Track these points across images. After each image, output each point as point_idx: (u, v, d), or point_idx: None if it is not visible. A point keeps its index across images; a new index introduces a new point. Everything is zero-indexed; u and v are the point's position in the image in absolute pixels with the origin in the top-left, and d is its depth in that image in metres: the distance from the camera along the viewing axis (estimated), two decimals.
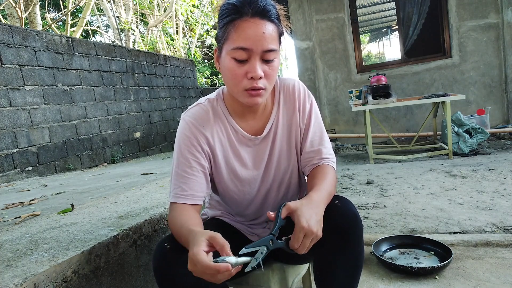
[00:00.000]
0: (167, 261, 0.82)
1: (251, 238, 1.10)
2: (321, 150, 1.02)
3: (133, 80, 5.18)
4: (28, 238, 1.12)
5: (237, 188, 1.03)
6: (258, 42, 0.84)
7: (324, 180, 0.94)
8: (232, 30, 0.85)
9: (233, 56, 0.86)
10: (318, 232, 0.80)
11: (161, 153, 5.43)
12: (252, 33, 0.84)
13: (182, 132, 0.97)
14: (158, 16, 10.01)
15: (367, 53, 18.01)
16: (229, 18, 0.86)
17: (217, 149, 0.99)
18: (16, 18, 6.32)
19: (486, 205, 2.29)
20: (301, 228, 0.77)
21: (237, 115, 1.00)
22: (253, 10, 0.84)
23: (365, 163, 4.20)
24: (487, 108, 4.56)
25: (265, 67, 0.87)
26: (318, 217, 0.82)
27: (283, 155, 1.04)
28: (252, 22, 0.84)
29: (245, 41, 0.84)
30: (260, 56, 0.86)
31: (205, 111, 0.99)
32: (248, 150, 1.02)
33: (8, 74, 3.23)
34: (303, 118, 1.03)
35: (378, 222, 2.20)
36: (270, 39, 0.85)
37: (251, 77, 0.86)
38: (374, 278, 1.55)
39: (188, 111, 1.00)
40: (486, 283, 1.41)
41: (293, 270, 1.13)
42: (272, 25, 0.87)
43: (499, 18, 4.82)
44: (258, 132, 1.02)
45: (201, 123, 0.97)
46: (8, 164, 3.14)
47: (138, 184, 2.09)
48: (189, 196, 0.92)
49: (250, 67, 0.86)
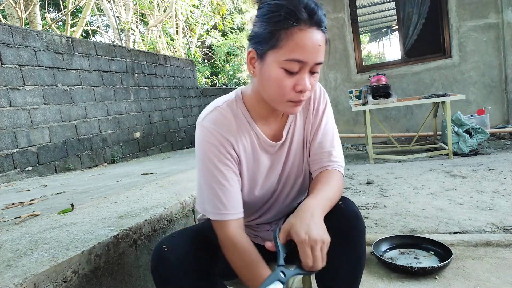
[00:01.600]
0: (165, 263, 0.81)
1: (254, 240, 1.09)
2: (330, 153, 0.97)
3: (133, 80, 5.18)
4: (28, 238, 1.12)
5: (252, 193, 1.00)
6: (314, 54, 0.78)
7: (325, 186, 0.89)
8: (286, 38, 0.77)
9: (284, 67, 0.79)
10: (323, 238, 0.75)
11: (161, 153, 5.43)
12: (310, 45, 0.77)
13: (207, 141, 0.88)
14: (158, 16, 10.01)
15: (367, 53, 18.01)
16: (282, 23, 0.77)
17: (242, 156, 0.93)
18: (16, 18, 6.32)
19: (486, 205, 2.29)
20: (303, 242, 0.73)
21: (260, 119, 0.94)
22: (311, 19, 0.77)
23: (365, 163, 4.20)
24: (487, 108, 4.56)
25: (311, 78, 0.83)
26: (317, 224, 0.77)
27: (298, 158, 1.01)
28: (310, 33, 0.77)
29: (302, 54, 0.77)
30: (310, 68, 0.81)
31: (225, 116, 0.91)
32: (268, 156, 0.97)
33: (8, 74, 3.23)
34: (315, 117, 0.99)
35: (378, 222, 2.20)
36: (322, 51, 0.81)
37: (300, 90, 0.81)
38: (374, 278, 1.54)
39: (207, 117, 0.90)
40: (486, 283, 1.41)
41: None
42: (325, 36, 0.82)
43: (499, 18, 4.82)
44: (276, 135, 0.97)
45: (224, 129, 0.89)
46: (8, 164, 3.14)
47: (138, 184, 2.09)
48: (233, 212, 0.87)
49: (300, 80, 0.80)
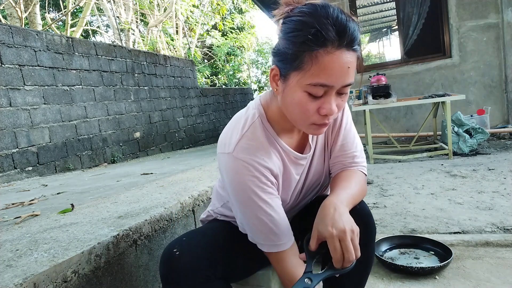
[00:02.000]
0: (177, 268, 0.80)
1: None
2: (352, 155, 0.95)
3: (133, 80, 5.18)
4: (28, 238, 1.12)
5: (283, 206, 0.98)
6: (341, 78, 0.72)
7: (346, 183, 0.87)
8: (310, 61, 0.71)
9: (308, 91, 0.73)
10: (351, 227, 0.73)
11: (161, 153, 5.43)
12: (337, 69, 0.71)
13: (246, 174, 0.82)
14: (158, 16, 10.01)
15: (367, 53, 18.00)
16: (307, 45, 0.70)
17: (278, 177, 0.90)
18: (16, 18, 6.32)
19: (486, 205, 2.29)
20: (331, 236, 0.71)
21: (284, 132, 0.90)
22: (341, 40, 0.70)
23: None
24: (487, 108, 4.56)
25: (338, 99, 0.77)
26: (342, 216, 0.74)
27: (320, 163, 0.98)
28: (338, 56, 0.70)
29: (328, 78, 0.71)
30: (338, 90, 0.75)
31: (256, 141, 0.85)
32: (298, 168, 0.93)
33: (8, 74, 3.23)
34: (335, 120, 0.96)
35: (378, 222, 2.20)
36: (352, 73, 0.74)
37: (325, 114, 0.76)
38: (374, 278, 1.54)
39: (238, 146, 0.83)
40: (486, 283, 1.41)
41: None
42: (356, 54, 0.74)
43: (499, 18, 4.82)
44: (300, 146, 0.94)
45: (259, 156, 0.83)
46: (8, 164, 3.14)
47: (138, 184, 2.09)
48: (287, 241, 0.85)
49: (325, 103, 0.75)
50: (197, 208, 1.56)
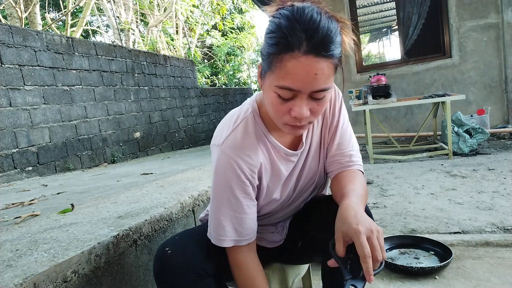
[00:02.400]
0: (169, 267, 0.81)
1: (259, 243, 1.08)
2: (350, 154, 0.94)
3: (133, 80, 5.18)
4: (28, 238, 1.12)
5: (270, 204, 0.98)
6: (308, 84, 0.71)
7: (354, 185, 0.86)
8: (277, 64, 0.71)
9: (278, 93, 0.74)
10: (376, 227, 0.71)
11: (161, 153, 5.43)
12: (302, 75, 0.69)
13: (228, 168, 0.84)
14: (158, 16, 10.01)
15: (367, 53, 18.01)
16: (275, 48, 0.71)
17: (263, 173, 0.90)
18: (16, 18, 6.32)
19: (486, 205, 2.29)
20: (358, 232, 0.69)
21: (276, 129, 0.90)
22: (308, 45, 0.68)
23: (365, 163, 4.20)
24: (487, 108, 4.56)
25: (313, 104, 0.75)
26: (364, 216, 0.73)
27: (314, 161, 0.98)
28: (303, 62, 0.68)
29: (292, 82, 0.71)
30: (308, 95, 0.73)
31: (246, 135, 0.86)
32: (288, 165, 0.94)
33: (8, 74, 3.23)
34: (332, 119, 0.95)
35: (378, 222, 2.20)
36: (323, 79, 0.71)
37: (294, 116, 0.75)
38: (374, 278, 1.54)
39: (227, 139, 0.85)
40: (486, 283, 1.41)
41: (293, 270, 1.13)
42: (329, 60, 0.70)
43: (499, 18, 4.82)
44: (294, 143, 0.94)
45: (245, 152, 0.85)
46: (8, 164, 3.14)
47: (138, 184, 2.09)
48: (248, 238, 0.87)
49: (295, 106, 0.74)
50: (197, 208, 1.56)
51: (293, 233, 1.09)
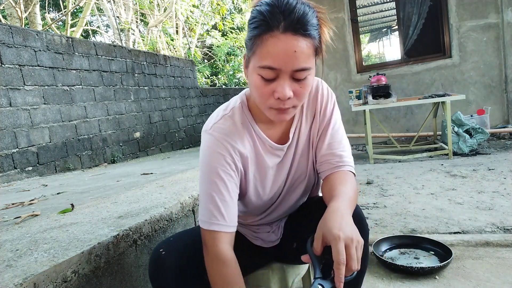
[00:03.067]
0: (162, 266, 0.81)
1: (255, 242, 1.09)
2: (340, 154, 0.94)
3: (133, 80, 5.18)
4: (28, 238, 1.12)
5: (259, 196, 0.98)
6: (288, 62, 0.74)
7: (344, 187, 0.86)
8: (259, 45, 0.75)
9: (260, 74, 0.77)
10: (357, 237, 0.71)
11: (161, 153, 5.43)
12: (282, 52, 0.73)
13: (214, 150, 0.87)
14: (158, 16, 10.01)
15: (367, 53, 18.01)
16: (256, 30, 0.75)
17: (249, 162, 0.91)
18: (16, 18, 6.32)
19: (486, 205, 2.29)
20: (337, 238, 0.69)
21: (263, 122, 0.93)
22: (286, 24, 0.72)
23: (365, 163, 4.20)
24: (487, 108, 4.56)
25: (296, 85, 0.78)
26: (348, 224, 0.73)
27: (304, 159, 0.99)
28: (282, 39, 0.73)
29: (273, 61, 0.74)
30: (290, 75, 0.76)
31: (233, 123, 0.90)
32: (274, 159, 0.95)
33: (8, 74, 3.23)
34: (323, 118, 0.96)
35: (378, 222, 2.20)
36: (302, 58, 0.75)
37: (278, 98, 0.77)
38: (374, 278, 1.54)
39: (215, 126, 0.89)
40: (486, 283, 1.41)
41: (293, 270, 1.13)
42: (308, 40, 0.75)
43: (499, 18, 4.82)
44: (282, 138, 0.95)
45: (232, 137, 0.88)
46: (8, 164, 3.14)
47: (138, 184, 2.09)
48: (226, 224, 0.85)
49: (278, 87, 0.76)
50: (197, 208, 1.56)
51: (288, 234, 1.10)
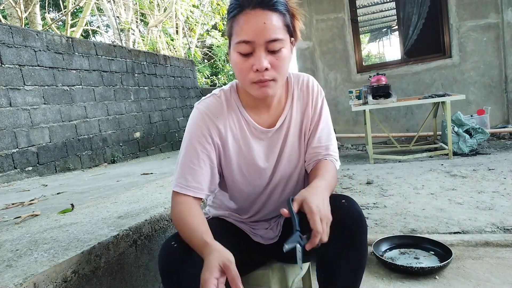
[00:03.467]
0: (175, 261, 0.81)
1: (254, 238, 1.10)
2: (327, 147, 1.03)
3: (133, 80, 5.18)
4: (28, 238, 1.12)
5: (247, 180, 1.03)
6: (260, 33, 0.83)
7: (326, 173, 0.95)
8: (234, 24, 0.86)
9: (238, 51, 0.86)
10: (329, 215, 0.81)
11: (161, 153, 5.43)
12: (253, 25, 0.83)
13: (195, 121, 0.96)
14: (158, 16, 10.01)
15: (367, 53, 18.00)
16: (232, 13, 0.86)
17: (229, 141, 0.98)
18: (16, 18, 6.32)
19: (486, 205, 2.29)
20: (316, 213, 0.78)
21: (251, 107, 1.00)
22: (254, 2, 0.83)
23: (365, 163, 4.20)
24: (487, 108, 4.56)
25: (272, 58, 0.86)
26: (326, 202, 0.83)
27: (294, 149, 1.04)
28: (252, 14, 0.83)
29: (247, 34, 0.83)
30: (265, 47, 0.84)
31: (219, 102, 0.98)
32: (260, 143, 1.01)
33: (8, 74, 3.23)
34: (314, 114, 1.03)
35: (378, 222, 2.20)
36: (273, 29, 0.84)
37: (256, 70, 0.85)
38: (374, 278, 1.54)
39: (203, 101, 1.00)
40: (486, 283, 1.41)
41: (293, 270, 1.13)
42: (276, 14, 0.85)
43: (499, 18, 4.82)
44: (271, 125, 1.01)
45: (214, 114, 0.96)
46: (8, 164, 3.14)
47: (138, 184, 2.09)
48: (193, 188, 0.92)
49: (255, 59, 0.85)
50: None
51: (287, 232, 1.10)
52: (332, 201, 0.87)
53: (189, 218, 0.87)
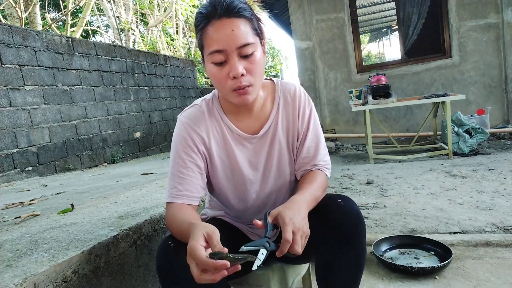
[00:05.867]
0: (170, 259, 0.81)
1: (252, 237, 1.10)
2: (315, 157, 1.02)
3: (133, 80, 5.18)
4: (28, 238, 1.12)
5: (234, 187, 1.03)
6: (230, 40, 0.84)
7: (311, 184, 0.95)
8: (204, 36, 0.86)
9: (212, 61, 0.87)
10: (304, 228, 0.81)
11: (161, 153, 5.43)
12: (222, 34, 0.84)
13: (178, 133, 0.98)
14: (158, 16, 10.01)
15: (367, 53, 17.99)
16: (200, 26, 0.87)
17: (213, 149, 0.99)
18: (16, 18, 6.32)
19: (486, 205, 2.29)
20: (287, 224, 0.78)
21: (232, 114, 1.00)
22: (219, 12, 0.84)
23: (365, 163, 4.20)
24: (487, 108, 4.56)
25: (246, 62, 0.87)
26: (301, 216, 0.83)
27: (284, 158, 1.03)
28: (220, 23, 0.84)
29: (217, 43, 0.84)
30: (237, 53, 0.85)
31: (200, 112, 1.00)
32: (244, 150, 1.01)
33: (8, 74, 3.23)
34: (302, 124, 1.03)
35: (378, 222, 2.20)
36: (242, 35, 0.84)
37: (233, 77, 0.86)
38: (374, 278, 1.54)
39: (184, 112, 1.01)
40: (486, 283, 1.41)
41: (293, 270, 1.13)
42: (242, 20, 0.85)
43: (499, 18, 4.82)
44: (255, 132, 1.01)
45: (196, 124, 0.98)
46: (8, 164, 3.14)
47: (138, 184, 2.09)
48: (184, 196, 0.93)
49: (230, 67, 0.85)
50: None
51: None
52: (329, 201, 0.88)
53: (180, 214, 0.88)
